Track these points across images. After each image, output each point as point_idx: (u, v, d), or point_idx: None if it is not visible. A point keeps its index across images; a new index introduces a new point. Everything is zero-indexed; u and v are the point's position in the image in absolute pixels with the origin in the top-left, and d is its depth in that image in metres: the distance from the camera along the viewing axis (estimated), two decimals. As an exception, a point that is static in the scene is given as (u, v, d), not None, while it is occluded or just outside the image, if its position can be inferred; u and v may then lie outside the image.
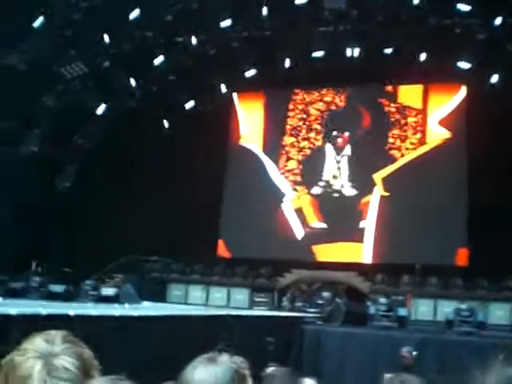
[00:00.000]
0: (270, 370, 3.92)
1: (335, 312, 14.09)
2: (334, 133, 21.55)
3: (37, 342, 1.75)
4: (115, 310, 7.66)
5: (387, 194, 20.31)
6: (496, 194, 17.54)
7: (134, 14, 18.22)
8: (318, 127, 21.98)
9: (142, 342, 5.99)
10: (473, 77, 19.32)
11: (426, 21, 18.06)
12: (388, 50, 19.33)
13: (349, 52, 19.64)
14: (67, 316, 5.90)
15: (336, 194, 21.11)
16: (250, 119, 22.96)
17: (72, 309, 6.59)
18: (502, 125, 17.63)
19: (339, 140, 21.45)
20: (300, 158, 21.97)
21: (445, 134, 20.27)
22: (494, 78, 18.87)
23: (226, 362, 1.93)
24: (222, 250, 21.58)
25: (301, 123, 22.24)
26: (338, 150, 21.41)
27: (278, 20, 19.09)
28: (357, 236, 20.18)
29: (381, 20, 18.37)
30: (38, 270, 19.42)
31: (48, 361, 1.69)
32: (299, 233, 20.97)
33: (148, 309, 11.62)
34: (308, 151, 21.95)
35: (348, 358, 11.66)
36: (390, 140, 20.85)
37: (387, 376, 3.78)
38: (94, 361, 1.82)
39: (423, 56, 19.17)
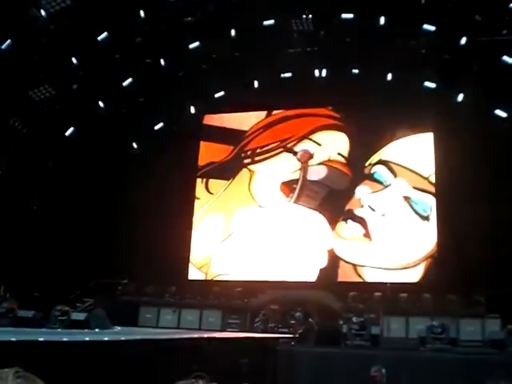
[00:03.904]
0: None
1: (308, 332, 14.02)
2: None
3: None
4: (85, 336, 7.54)
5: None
6: (467, 207, 17.82)
7: (103, 35, 18.21)
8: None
9: (113, 368, 5.88)
10: (439, 96, 19.61)
11: (392, 41, 18.32)
12: (355, 70, 19.60)
13: (317, 73, 19.88)
14: (37, 342, 5.79)
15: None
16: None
17: (41, 335, 6.48)
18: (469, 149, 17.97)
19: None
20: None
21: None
22: (460, 97, 19.19)
23: None
24: (194, 272, 21.41)
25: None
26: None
27: (246, 41, 19.22)
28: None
29: (348, 41, 18.59)
30: (6, 295, 19.03)
31: None
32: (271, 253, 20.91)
33: (119, 333, 11.46)
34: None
35: (322, 378, 11.60)
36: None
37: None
38: None
39: (390, 76, 19.46)
